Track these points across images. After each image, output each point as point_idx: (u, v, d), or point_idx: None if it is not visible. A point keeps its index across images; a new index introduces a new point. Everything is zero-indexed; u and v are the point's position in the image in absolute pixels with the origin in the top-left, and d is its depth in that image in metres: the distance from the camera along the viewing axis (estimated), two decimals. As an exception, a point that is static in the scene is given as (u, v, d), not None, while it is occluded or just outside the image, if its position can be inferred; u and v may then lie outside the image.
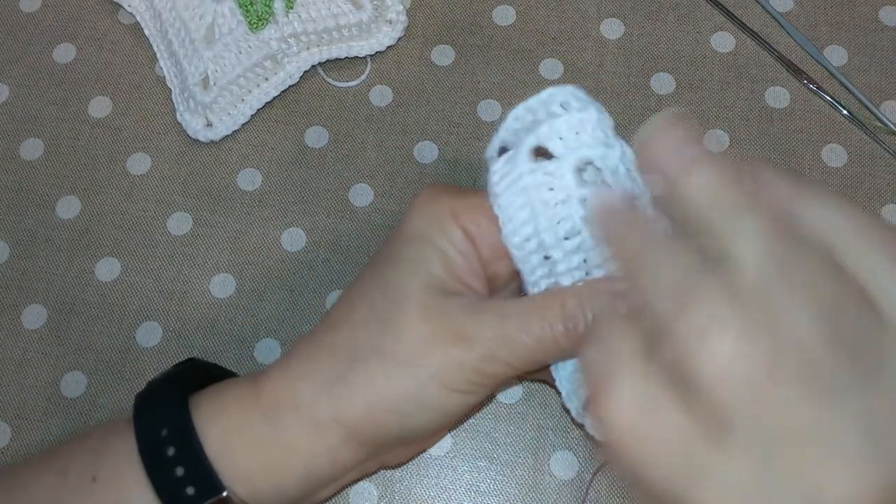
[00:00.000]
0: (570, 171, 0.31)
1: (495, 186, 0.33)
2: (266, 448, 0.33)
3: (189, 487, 0.32)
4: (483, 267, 0.34)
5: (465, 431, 0.42)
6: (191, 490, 0.32)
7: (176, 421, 0.33)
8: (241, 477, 0.32)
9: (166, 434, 0.32)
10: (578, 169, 0.32)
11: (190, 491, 0.32)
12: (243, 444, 0.33)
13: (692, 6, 0.50)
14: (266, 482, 0.33)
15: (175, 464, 0.32)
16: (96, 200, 0.47)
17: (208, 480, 0.32)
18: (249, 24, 0.47)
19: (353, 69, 0.49)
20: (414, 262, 0.33)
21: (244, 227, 0.46)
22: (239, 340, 0.43)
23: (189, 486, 0.32)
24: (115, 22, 0.51)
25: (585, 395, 0.35)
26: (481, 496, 0.40)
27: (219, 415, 0.33)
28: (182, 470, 0.32)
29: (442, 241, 0.33)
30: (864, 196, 0.45)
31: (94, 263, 0.45)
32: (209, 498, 0.32)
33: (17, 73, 0.50)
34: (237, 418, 0.33)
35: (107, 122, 0.49)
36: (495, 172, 0.33)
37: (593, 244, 0.32)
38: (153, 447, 0.32)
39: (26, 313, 0.44)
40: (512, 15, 0.50)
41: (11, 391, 0.43)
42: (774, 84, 0.48)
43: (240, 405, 0.33)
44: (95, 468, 0.33)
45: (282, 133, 0.48)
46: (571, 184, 0.31)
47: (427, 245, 0.33)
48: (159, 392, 0.34)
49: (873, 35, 0.49)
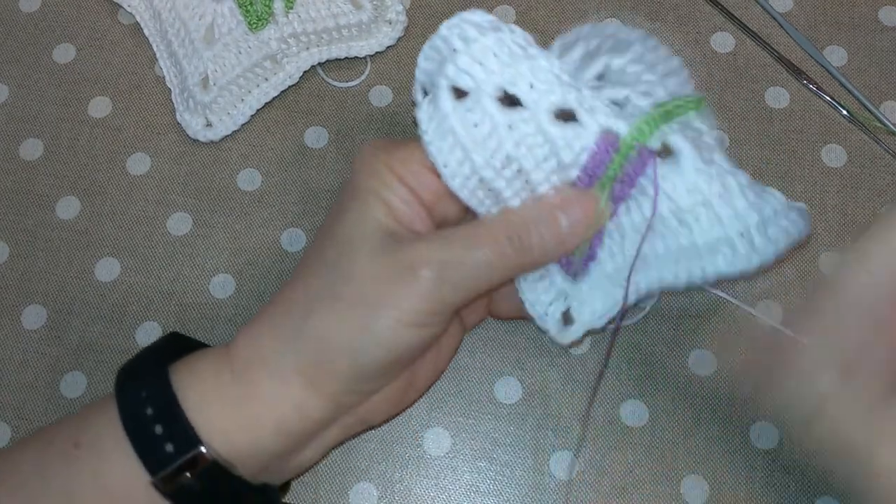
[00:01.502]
0: (488, 101, 0.32)
1: (424, 134, 0.33)
2: (239, 405, 0.33)
3: (168, 444, 0.32)
4: (428, 212, 0.35)
5: (465, 431, 0.42)
6: (169, 447, 0.32)
7: (156, 384, 0.33)
8: (219, 435, 0.33)
9: (146, 395, 0.33)
10: (497, 97, 0.32)
11: (169, 448, 0.32)
12: (219, 404, 0.33)
13: (692, 6, 0.50)
14: (242, 438, 0.33)
15: (154, 422, 0.32)
16: (96, 200, 0.47)
17: (186, 437, 0.32)
18: (249, 24, 0.47)
19: (353, 69, 0.49)
20: (360, 213, 0.34)
21: (244, 227, 0.46)
22: (239, 340, 0.43)
23: (168, 442, 0.32)
24: (115, 22, 0.51)
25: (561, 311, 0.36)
26: (481, 496, 0.41)
27: (194, 379, 0.34)
28: (161, 428, 0.32)
29: (384, 192, 0.34)
30: (864, 196, 0.45)
31: (94, 263, 0.45)
32: (186, 453, 0.32)
33: (17, 73, 0.50)
34: (212, 381, 0.34)
35: (107, 122, 0.49)
36: (422, 120, 0.33)
37: (531, 164, 0.33)
38: (133, 408, 0.33)
39: (26, 313, 0.44)
40: (512, 15, 0.50)
41: (11, 391, 0.43)
42: (774, 84, 0.48)
43: (214, 369, 0.34)
44: (77, 436, 0.34)
45: (282, 133, 0.48)
46: (494, 112, 0.32)
47: (370, 196, 0.34)
48: (141, 362, 0.35)
49: (873, 35, 0.49)
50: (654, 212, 0.33)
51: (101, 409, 0.34)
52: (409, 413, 0.42)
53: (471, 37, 0.32)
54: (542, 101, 0.32)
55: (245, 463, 0.33)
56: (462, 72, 0.32)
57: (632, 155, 0.33)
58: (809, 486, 0.39)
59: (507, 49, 0.32)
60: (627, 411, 0.41)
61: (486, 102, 0.32)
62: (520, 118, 0.32)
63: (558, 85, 0.32)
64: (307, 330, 0.33)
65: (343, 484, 0.41)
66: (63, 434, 0.34)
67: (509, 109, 0.32)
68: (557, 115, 0.33)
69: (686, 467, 0.40)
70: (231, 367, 0.34)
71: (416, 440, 0.41)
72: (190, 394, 0.33)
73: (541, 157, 0.33)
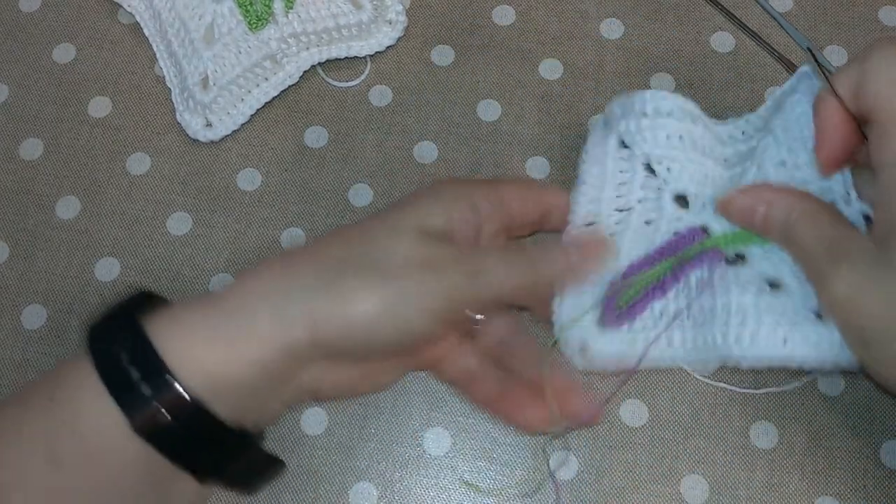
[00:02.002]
0: (639, 164, 0.40)
1: (585, 153, 0.42)
2: (226, 338, 0.33)
3: (144, 386, 0.32)
4: (478, 241, 0.37)
5: (465, 431, 0.42)
6: (146, 389, 0.32)
7: (130, 329, 0.33)
8: (199, 373, 0.32)
9: (121, 340, 0.33)
10: (644, 163, 0.40)
11: (146, 390, 0.32)
12: (199, 337, 0.33)
13: (692, 6, 0.50)
14: (223, 373, 0.33)
15: (130, 365, 0.32)
16: (96, 200, 0.47)
17: (162, 377, 0.32)
18: (249, 24, 0.47)
19: (353, 69, 0.49)
20: (417, 208, 0.37)
21: (244, 227, 0.46)
22: (239, 340, 0.43)
23: (144, 384, 0.32)
24: (115, 22, 0.51)
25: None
26: (481, 496, 0.40)
27: (172, 320, 0.33)
28: (136, 371, 0.32)
29: (450, 204, 0.37)
30: (864, 196, 0.45)
31: (94, 263, 0.45)
32: (164, 394, 0.32)
33: (17, 73, 0.50)
34: (193, 319, 0.33)
35: (106, 122, 0.49)
36: (591, 141, 0.42)
37: (636, 220, 0.40)
38: (106, 354, 0.32)
39: (26, 313, 0.44)
40: (512, 15, 0.50)
41: (11, 391, 0.43)
42: (774, 84, 0.48)
43: (197, 308, 0.34)
44: (52, 389, 0.33)
45: (282, 133, 0.48)
46: (639, 172, 0.40)
47: (435, 201, 0.37)
48: (111, 313, 0.35)
49: (873, 35, 0.49)
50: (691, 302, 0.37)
51: (75, 361, 0.33)
52: (409, 413, 0.42)
53: (660, 111, 0.39)
54: (673, 183, 0.40)
55: (223, 400, 0.33)
56: (631, 133, 0.40)
57: (707, 250, 0.37)
58: (809, 486, 0.39)
59: (677, 137, 0.39)
60: (627, 411, 0.41)
61: (637, 164, 0.40)
62: (653, 184, 0.40)
63: (699, 176, 0.40)
64: (337, 290, 0.33)
65: (343, 484, 0.41)
66: (38, 391, 0.34)
67: (649, 175, 0.40)
68: (677, 197, 0.40)
69: (686, 467, 0.40)
70: (222, 306, 0.34)
71: (416, 440, 0.41)
72: (167, 334, 0.33)
73: (644, 218, 0.40)
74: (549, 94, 0.48)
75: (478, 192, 0.38)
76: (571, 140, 0.47)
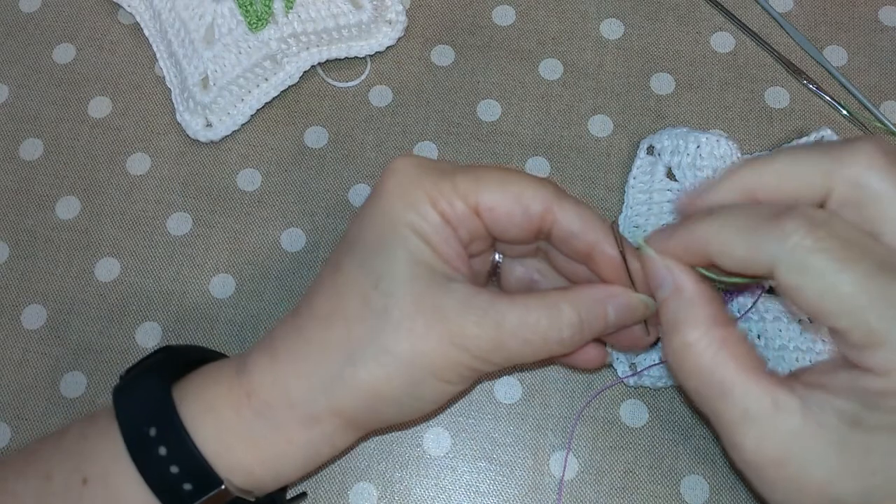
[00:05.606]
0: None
1: (633, 178, 0.45)
2: (263, 444, 0.33)
3: (186, 484, 0.32)
4: (464, 248, 0.34)
5: (465, 431, 0.42)
6: (188, 486, 0.32)
7: (163, 418, 0.33)
8: (239, 470, 0.33)
9: (155, 434, 0.32)
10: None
11: (187, 487, 0.32)
12: (239, 442, 0.33)
13: (692, 6, 0.50)
14: (266, 472, 0.33)
15: (169, 462, 0.32)
16: (96, 200, 0.47)
17: (205, 475, 0.32)
18: (249, 24, 0.47)
19: (353, 69, 0.49)
20: (401, 251, 0.33)
21: (244, 227, 0.46)
22: (239, 340, 0.43)
23: (186, 482, 0.32)
24: (115, 22, 0.51)
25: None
26: (481, 496, 0.41)
27: (208, 414, 0.33)
28: (177, 468, 0.32)
29: (423, 226, 0.33)
30: (864, 196, 0.45)
31: (94, 263, 0.45)
32: (208, 492, 0.32)
33: (17, 73, 0.50)
34: (229, 417, 0.33)
35: (106, 123, 0.49)
36: (639, 167, 0.45)
37: None
38: (142, 445, 0.32)
39: (26, 313, 0.44)
40: (512, 15, 0.50)
41: (11, 391, 0.43)
42: (774, 84, 0.48)
43: (230, 403, 0.33)
44: (83, 471, 0.33)
45: (281, 133, 0.48)
46: None
47: (411, 232, 0.33)
48: (140, 386, 0.34)
49: (873, 35, 0.49)
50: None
51: (103, 436, 0.33)
52: (408, 413, 0.42)
53: (714, 154, 0.43)
54: None
55: (264, 490, 0.34)
56: (682, 169, 0.43)
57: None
58: (809, 486, 0.39)
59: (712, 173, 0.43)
60: (627, 411, 0.41)
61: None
62: None
63: None
64: (354, 381, 0.32)
65: (343, 484, 0.41)
66: (63, 467, 0.33)
67: None
68: None
69: (686, 467, 0.40)
70: (250, 404, 0.33)
71: (416, 440, 0.41)
72: (203, 429, 0.33)
73: None
74: (549, 94, 0.48)
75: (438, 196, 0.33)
76: (571, 140, 0.47)
